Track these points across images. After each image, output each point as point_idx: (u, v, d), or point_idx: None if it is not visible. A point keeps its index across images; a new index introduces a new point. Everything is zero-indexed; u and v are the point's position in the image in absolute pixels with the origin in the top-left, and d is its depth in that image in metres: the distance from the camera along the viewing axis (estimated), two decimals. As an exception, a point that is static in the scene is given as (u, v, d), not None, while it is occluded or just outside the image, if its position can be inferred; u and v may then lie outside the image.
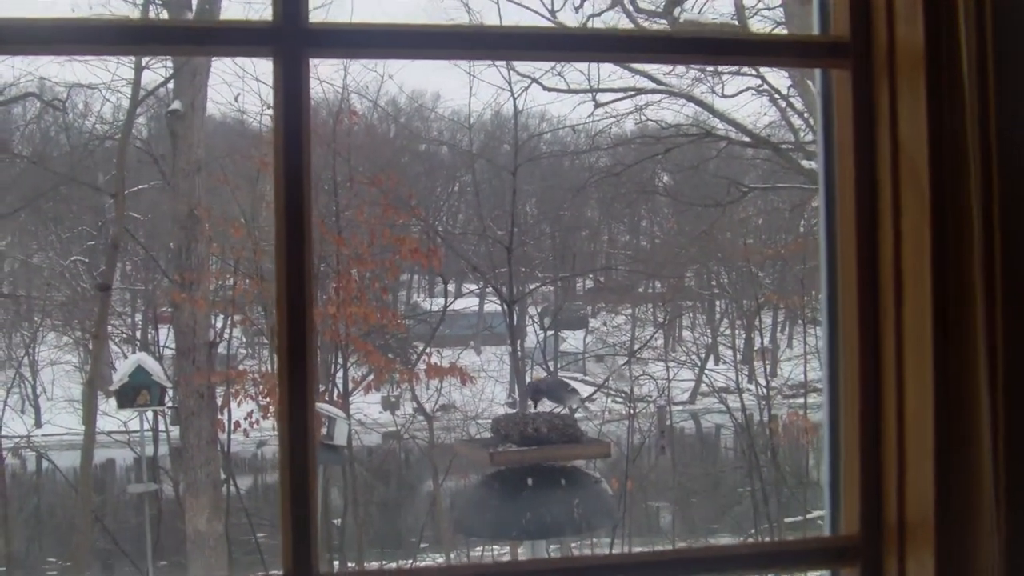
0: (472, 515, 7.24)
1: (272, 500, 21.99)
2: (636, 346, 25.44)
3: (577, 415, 13.50)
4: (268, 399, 16.32)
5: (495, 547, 21.08)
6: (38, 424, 25.93)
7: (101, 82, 22.79)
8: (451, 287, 28.01)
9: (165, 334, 22.78)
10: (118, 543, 19.67)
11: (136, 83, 18.56)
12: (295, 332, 1.92)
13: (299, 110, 1.85)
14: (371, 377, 18.46)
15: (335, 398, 17.89)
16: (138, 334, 26.63)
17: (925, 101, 1.96)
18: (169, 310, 21.40)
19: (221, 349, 19.46)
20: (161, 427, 21.57)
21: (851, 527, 2.09)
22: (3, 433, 21.16)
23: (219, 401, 17.56)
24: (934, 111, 1.95)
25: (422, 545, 20.79)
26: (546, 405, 7.84)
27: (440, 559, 20.70)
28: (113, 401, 18.12)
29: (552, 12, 19.55)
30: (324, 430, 14.06)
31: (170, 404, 17.68)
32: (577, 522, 7.05)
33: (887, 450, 2.04)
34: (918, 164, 1.97)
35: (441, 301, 25.46)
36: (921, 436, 1.98)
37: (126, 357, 21.24)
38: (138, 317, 27.23)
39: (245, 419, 16.91)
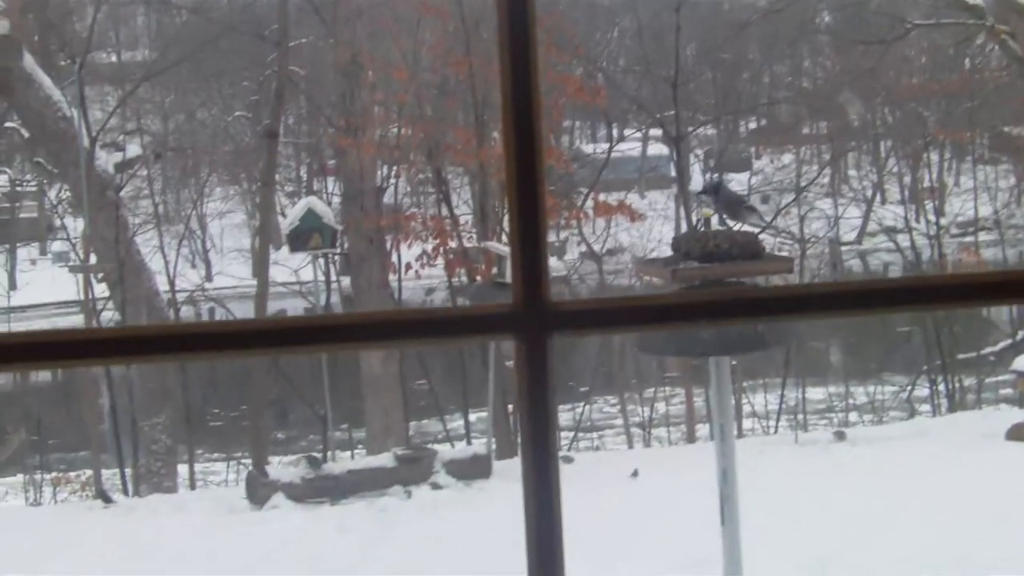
0: (654, 333, 7.31)
1: (444, 350, 22.54)
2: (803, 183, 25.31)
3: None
4: (438, 240, 16.75)
5: (666, 387, 21.44)
6: (208, 277, 26.85)
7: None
8: (613, 132, 28.07)
9: (331, 184, 23.33)
10: (294, 386, 20.41)
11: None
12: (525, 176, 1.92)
13: None
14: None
15: (503, 241, 18.20)
16: (303, 186, 27.25)
17: None
18: (333, 162, 21.93)
19: (387, 198, 19.90)
20: (332, 277, 22.17)
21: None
22: (176, 287, 21.98)
23: (388, 246, 18.05)
24: None
25: (581, 389, 21.11)
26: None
27: (614, 401, 21.07)
28: (284, 248, 18.76)
29: None
30: (495, 269, 14.43)
31: (340, 248, 18.16)
32: (761, 336, 7.15)
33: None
34: None
35: (604, 146, 25.56)
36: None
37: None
38: (303, 170, 27.87)
39: (416, 260, 17.38)
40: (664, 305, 1.97)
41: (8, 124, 22.22)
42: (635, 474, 12.82)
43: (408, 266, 17.70)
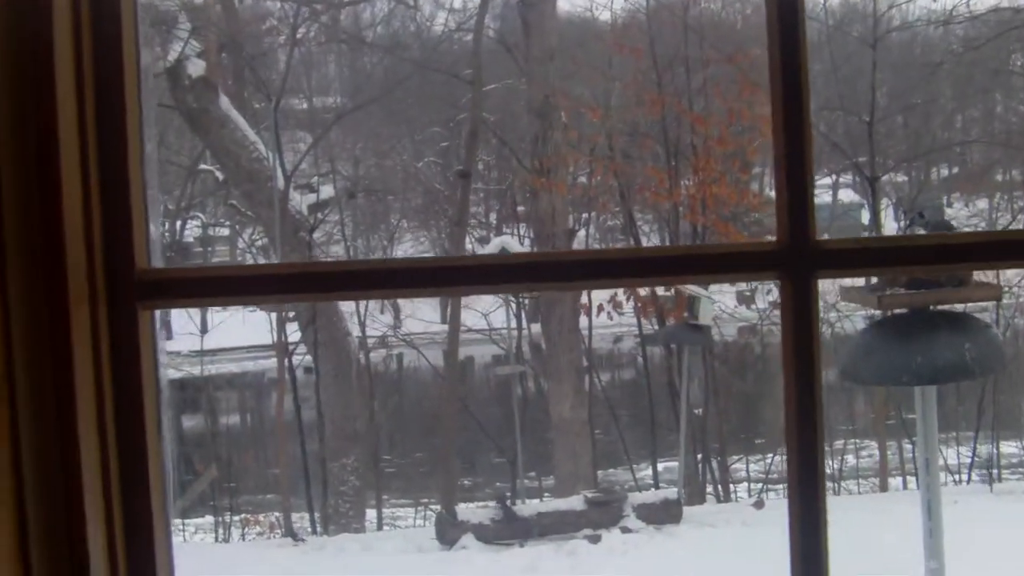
0: (859, 360, 7.29)
1: (631, 394, 22.56)
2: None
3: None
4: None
5: (856, 439, 21.02)
6: (397, 323, 27.18)
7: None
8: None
9: (521, 229, 23.52)
10: (484, 428, 20.56)
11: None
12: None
13: None
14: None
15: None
16: (492, 231, 27.49)
17: None
18: (522, 208, 22.10)
19: (577, 241, 20.01)
20: (522, 322, 22.33)
21: None
22: (367, 333, 22.30)
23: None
24: None
25: (759, 440, 20.89)
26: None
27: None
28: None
29: None
30: (687, 312, 14.40)
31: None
32: (969, 366, 7.05)
33: None
34: None
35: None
36: None
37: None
38: (492, 216, 28.11)
39: (608, 302, 17.43)
40: (929, 246, 1.97)
41: (203, 167, 22.87)
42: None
43: (600, 307, 17.73)
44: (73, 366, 1.67)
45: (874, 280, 7.58)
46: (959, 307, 7.67)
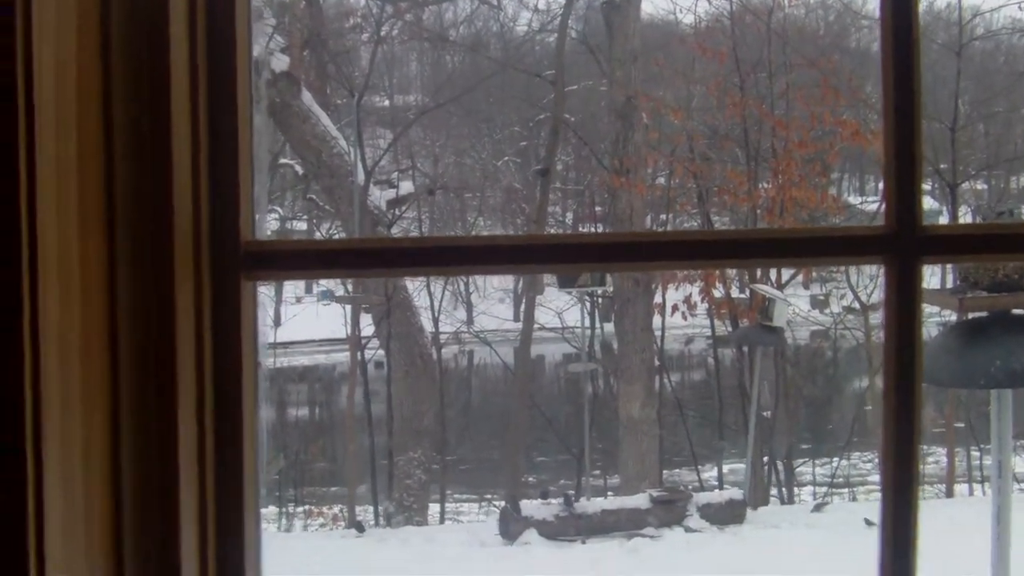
0: (938, 363, 7.19)
1: (700, 395, 22.51)
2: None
3: None
4: (704, 283, 16.71)
5: (923, 444, 20.84)
6: (469, 320, 27.26)
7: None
8: (880, 185, 27.55)
9: (598, 230, 23.49)
10: (552, 425, 20.57)
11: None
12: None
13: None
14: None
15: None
16: (570, 231, 27.48)
17: None
18: (599, 208, 22.10)
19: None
20: (595, 319, 22.33)
21: None
22: (440, 329, 22.38)
23: (655, 288, 18.10)
24: None
25: (853, 439, 20.76)
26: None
27: (869, 457, 20.60)
28: (547, 291, 18.94)
29: None
30: (760, 313, 14.33)
31: (608, 287, 18.28)
32: (1048, 370, 6.93)
33: None
34: None
35: (872, 199, 25.12)
36: None
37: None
38: (568, 216, 28.12)
39: (683, 302, 17.38)
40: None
41: (283, 161, 23.03)
42: (868, 523, 12.52)
43: (675, 307, 17.69)
44: (176, 336, 1.66)
45: (955, 282, 7.48)
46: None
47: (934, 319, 16.28)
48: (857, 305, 21.03)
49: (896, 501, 1.91)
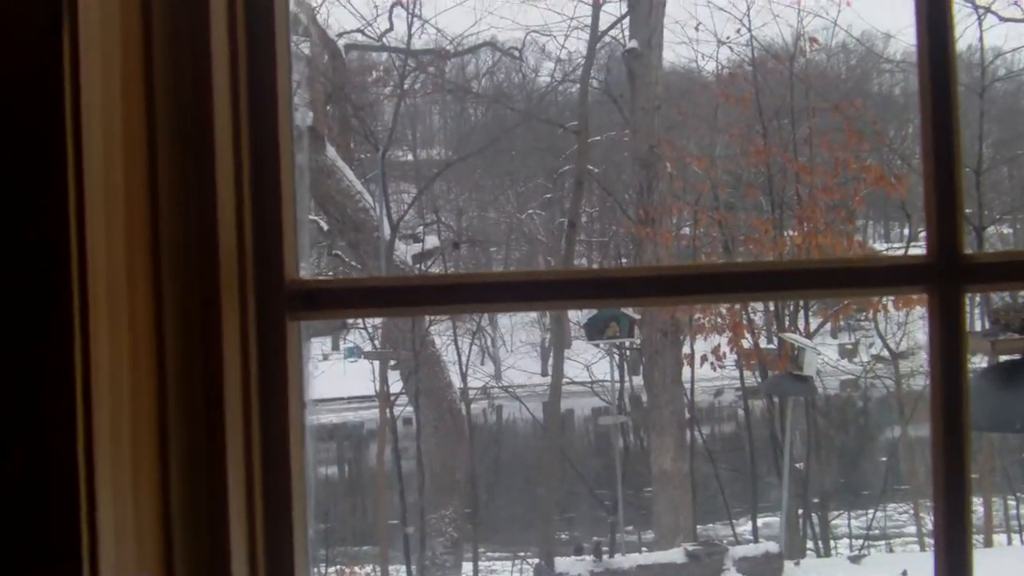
0: (972, 406, 7.12)
1: (731, 447, 22.44)
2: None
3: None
4: (732, 334, 16.69)
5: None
6: (498, 375, 27.24)
7: (560, 19, 23.74)
8: (905, 231, 27.51)
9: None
10: (584, 480, 20.50)
11: (595, 21, 19.31)
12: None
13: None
14: (838, 307, 18.48)
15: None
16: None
17: None
18: (624, 260, 22.12)
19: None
20: (624, 372, 22.29)
21: None
22: (468, 384, 22.35)
23: (683, 339, 18.07)
24: None
25: (888, 489, 20.62)
26: None
27: (906, 508, 20.44)
28: (575, 344, 18.91)
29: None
30: (790, 363, 14.30)
31: (636, 339, 18.28)
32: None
33: None
34: None
35: (897, 245, 25.07)
36: None
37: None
38: (594, 268, 28.11)
39: (712, 352, 17.36)
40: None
41: (309, 217, 23.08)
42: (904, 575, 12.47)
43: (703, 358, 17.66)
44: (223, 378, 1.67)
45: (987, 326, 7.47)
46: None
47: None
48: (886, 353, 20.95)
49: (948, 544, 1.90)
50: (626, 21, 18.91)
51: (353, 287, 1.85)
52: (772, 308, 18.72)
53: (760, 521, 19.70)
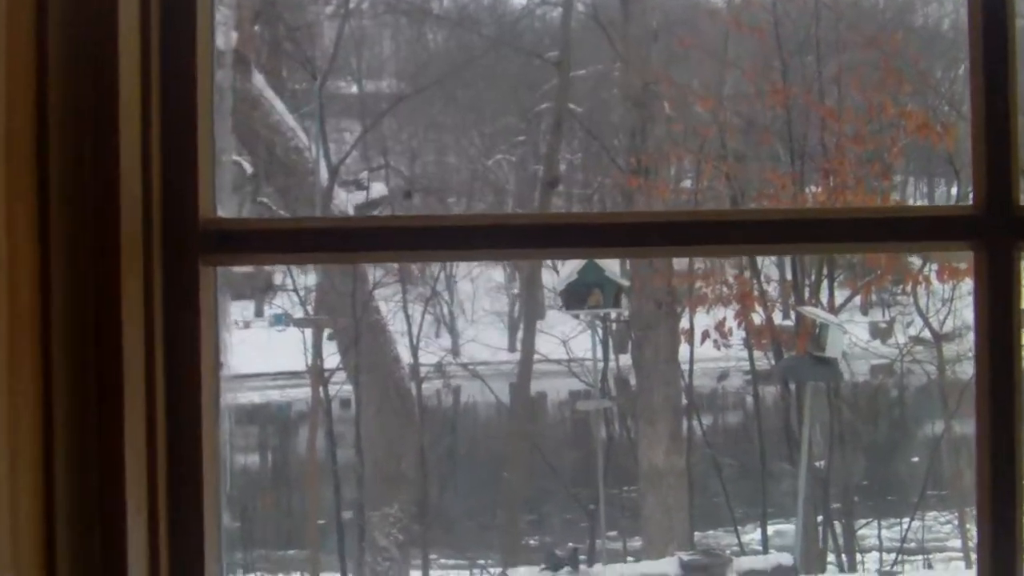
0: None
1: (738, 441, 22.48)
2: None
3: None
4: (741, 306, 16.72)
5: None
6: (455, 349, 27.22)
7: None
8: (953, 190, 27.58)
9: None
10: (558, 475, 20.54)
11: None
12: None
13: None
14: (870, 278, 18.47)
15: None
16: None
17: None
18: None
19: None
20: (608, 348, 22.28)
21: None
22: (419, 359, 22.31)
23: (680, 311, 18.10)
24: None
25: (927, 495, 20.72)
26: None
27: (949, 517, 20.54)
28: (548, 316, 18.88)
29: None
30: (810, 343, 14.32)
31: (624, 310, 18.27)
32: None
33: None
34: None
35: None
36: None
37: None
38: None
39: (716, 328, 17.37)
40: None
41: (232, 158, 22.96)
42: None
43: (705, 334, 17.67)
44: (121, 331, 1.66)
45: None
46: None
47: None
48: (928, 334, 20.98)
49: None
50: (619, -70, 18.86)
51: (280, 228, 1.84)
52: (790, 277, 18.68)
53: (771, 529, 19.74)
